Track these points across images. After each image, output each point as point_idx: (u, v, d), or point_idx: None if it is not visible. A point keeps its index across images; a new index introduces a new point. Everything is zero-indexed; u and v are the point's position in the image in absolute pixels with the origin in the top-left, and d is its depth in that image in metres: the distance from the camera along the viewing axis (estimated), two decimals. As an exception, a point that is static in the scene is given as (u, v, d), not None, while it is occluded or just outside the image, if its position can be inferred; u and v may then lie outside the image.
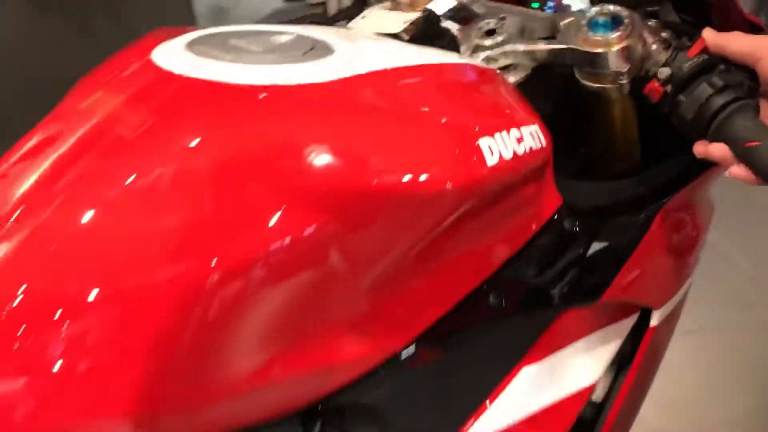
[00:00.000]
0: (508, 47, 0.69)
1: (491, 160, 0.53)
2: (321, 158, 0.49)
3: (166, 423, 0.50)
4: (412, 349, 0.57)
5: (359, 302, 0.53)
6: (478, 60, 0.68)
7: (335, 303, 0.52)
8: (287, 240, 0.48)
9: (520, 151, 0.56)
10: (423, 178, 0.50)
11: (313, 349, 0.52)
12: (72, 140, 0.53)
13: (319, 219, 0.49)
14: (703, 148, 0.63)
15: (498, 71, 0.67)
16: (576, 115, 0.73)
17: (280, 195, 0.49)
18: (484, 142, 0.53)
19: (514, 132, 0.56)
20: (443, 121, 0.54)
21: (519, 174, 0.57)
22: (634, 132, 0.73)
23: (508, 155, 0.54)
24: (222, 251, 0.48)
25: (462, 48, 0.72)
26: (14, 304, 0.47)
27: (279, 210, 0.48)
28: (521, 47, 0.69)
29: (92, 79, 0.60)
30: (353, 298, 0.52)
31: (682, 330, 1.60)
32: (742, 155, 0.60)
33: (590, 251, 0.66)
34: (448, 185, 0.51)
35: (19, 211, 0.50)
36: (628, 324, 0.71)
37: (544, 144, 0.59)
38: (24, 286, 0.47)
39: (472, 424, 0.61)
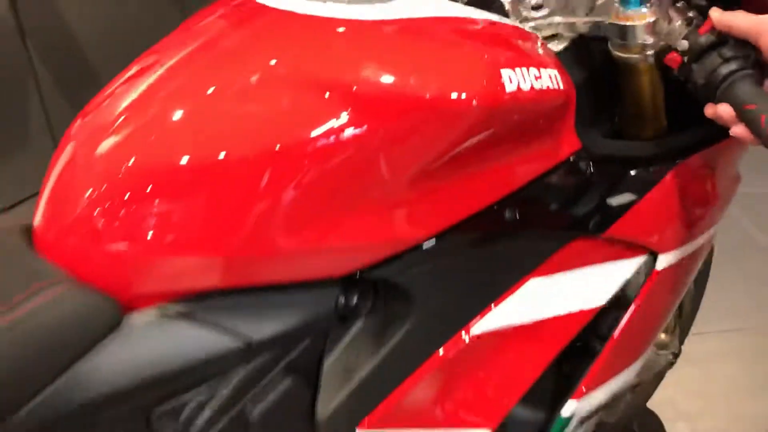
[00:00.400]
0: (551, 19, 0.81)
1: (510, 87, 0.65)
2: (379, 75, 0.64)
3: (236, 266, 0.64)
4: (433, 241, 0.69)
5: (394, 193, 0.66)
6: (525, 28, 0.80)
7: (376, 190, 0.65)
8: (343, 135, 0.62)
9: (537, 86, 0.67)
10: (454, 95, 0.63)
11: (355, 223, 0.65)
12: (180, 55, 0.69)
13: (372, 121, 0.62)
14: (712, 110, 0.73)
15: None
16: (610, 84, 0.84)
17: (343, 101, 0.62)
18: (505, 73, 0.65)
19: (533, 70, 0.68)
20: (475, 54, 0.67)
21: (535, 105, 0.68)
22: (659, 100, 0.82)
23: (525, 87, 0.66)
24: (290, 138, 0.62)
25: (511, 19, 0.84)
26: (122, 175, 0.62)
27: (342, 112, 0.62)
28: (562, 19, 0.81)
29: (199, 13, 0.76)
30: (390, 188, 0.66)
31: (724, 326, 1.64)
32: (741, 116, 0.70)
33: (601, 191, 0.76)
34: (474, 103, 0.63)
35: (128, 113, 0.66)
36: (634, 263, 0.80)
37: (563, 87, 0.71)
38: (132, 158, 0.62)
39: (477, 322, 0.72)
